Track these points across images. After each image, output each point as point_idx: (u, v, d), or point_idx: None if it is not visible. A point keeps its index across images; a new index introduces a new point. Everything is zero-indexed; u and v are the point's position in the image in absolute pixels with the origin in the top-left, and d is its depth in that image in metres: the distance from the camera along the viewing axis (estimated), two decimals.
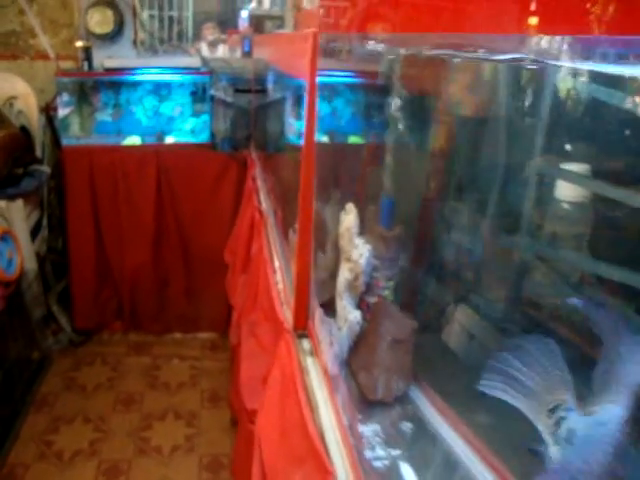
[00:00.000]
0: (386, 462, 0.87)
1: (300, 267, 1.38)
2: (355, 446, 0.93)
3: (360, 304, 1.13)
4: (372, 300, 1.15)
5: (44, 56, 3.43)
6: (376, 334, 1.09)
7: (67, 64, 3.44)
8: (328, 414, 1.03)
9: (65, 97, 3.30)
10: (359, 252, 1.09)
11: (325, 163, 1.47)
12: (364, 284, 1.11)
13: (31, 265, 3.08)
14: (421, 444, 0.90)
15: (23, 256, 2.97)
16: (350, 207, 1.18)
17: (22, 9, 3.36)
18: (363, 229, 1.16)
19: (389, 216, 1.27)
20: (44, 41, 3.39)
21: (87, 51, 3.31)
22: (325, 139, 3.08)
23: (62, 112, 3.29)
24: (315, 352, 1.22)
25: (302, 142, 1.29)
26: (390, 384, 1.05)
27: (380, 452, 0.90)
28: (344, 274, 1.15)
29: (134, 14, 3.47)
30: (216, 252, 3.09)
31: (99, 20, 3.39)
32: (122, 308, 3.45)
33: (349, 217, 1.17)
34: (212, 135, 3.44)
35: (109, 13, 3.39)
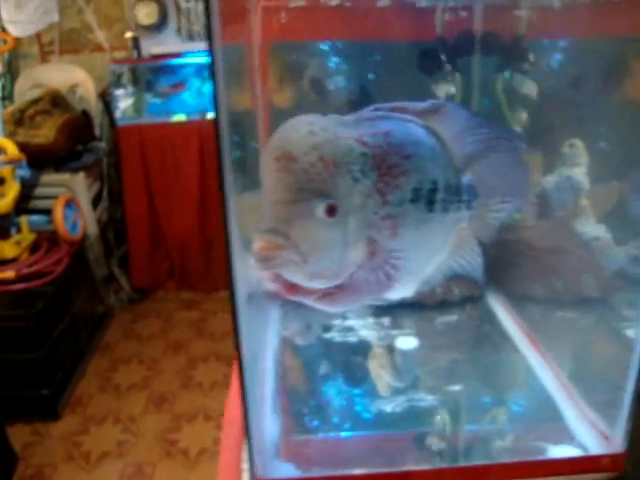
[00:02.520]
0: None
1: None
2: None
3: None
4: None
5: (100, 48, 3.88)
6: None
7: (120, 54, 3.88)
8: None
9: (119, 83, 3.74)
10: None
11: None
12: None
13: (93, 229, 3.51)
14: None
15: (85, 221, 3.41)
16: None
17: (81, 8, 3.82)
18: None
19: None
20: (100, 35, 3.85)
21: (136, 41, 3.73)
22: None
23: (117, 97, 3.72)
24: None
25: None
26: None
27: None
28: None
29: (176, 6, 3.86)
30: None
31: (146, 13, 3.80)
32: (174, 269, 3.82)
33: None
34: None
35: (154, 6, 3.79)
